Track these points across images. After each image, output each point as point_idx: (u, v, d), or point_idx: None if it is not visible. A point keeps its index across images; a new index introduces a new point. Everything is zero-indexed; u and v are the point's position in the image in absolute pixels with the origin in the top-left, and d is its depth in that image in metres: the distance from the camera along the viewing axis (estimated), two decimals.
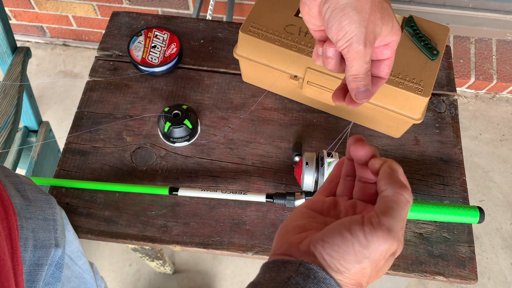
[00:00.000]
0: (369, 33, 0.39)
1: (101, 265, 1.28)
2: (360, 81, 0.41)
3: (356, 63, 0.40)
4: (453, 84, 0.74)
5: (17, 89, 0.87)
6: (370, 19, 0.39)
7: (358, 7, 0.38)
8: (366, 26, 0.38)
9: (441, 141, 0.69)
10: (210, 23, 0.80)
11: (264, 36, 0.62)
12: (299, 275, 0.30)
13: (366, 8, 0.38)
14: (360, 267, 0.30)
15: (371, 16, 0.39)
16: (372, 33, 0.39)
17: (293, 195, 0.58)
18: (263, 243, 0.60)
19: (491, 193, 1.44)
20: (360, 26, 0.38)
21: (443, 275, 0.59)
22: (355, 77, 0.41)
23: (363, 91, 0.42)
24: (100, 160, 0.66)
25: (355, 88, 0.42)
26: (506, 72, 1.54)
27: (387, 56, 0.43)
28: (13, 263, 0.41)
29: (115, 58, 0.76)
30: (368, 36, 0.39)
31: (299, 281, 0.30)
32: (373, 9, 0.39)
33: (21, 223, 0.45)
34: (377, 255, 0.30)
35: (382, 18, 0.39)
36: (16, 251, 0.42)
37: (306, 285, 0.30)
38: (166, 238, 0.60)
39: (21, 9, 1.55)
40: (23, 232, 0.45)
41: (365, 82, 0.41)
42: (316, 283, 0.30)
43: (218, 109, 0.71)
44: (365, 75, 0.41)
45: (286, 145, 0.68)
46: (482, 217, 0.56)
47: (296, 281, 0.30)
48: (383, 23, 0.40)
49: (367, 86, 0.42)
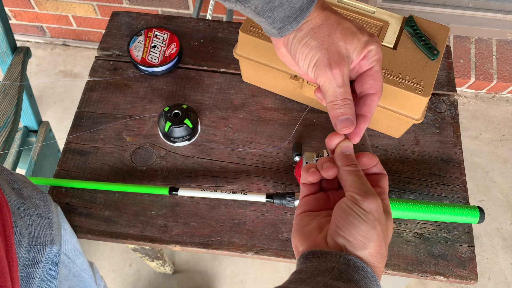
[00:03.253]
0: (333, 54, 0.39)
1: (101, 265, 1.28)
2: (337, 108, 0.40)
3: (328, 87, 0.40)
4: (453, 84, 0.74)
5: (17, 89, 0.87)
6: (330, 41, 0.39)
7: (314, 35, 0.39)
8: (327, 48, 0.39)
9: (441, 141, 0.69)
10: (210, 23, 0.80)
11: (264, 36, 0.62)
12: (341, 265, 0.35)
13: (323, 32, 0.39)
14: (376, 233, 0.36)
15: (331, 38, 0.39)
16: (337, 54, 0.39)
17: (293, 195, 0.58)
18: (263, 243, 0.60)
19: (491, 193, 1.44)
20: (320, 49, 0.39)
21: (443, 275, 0.59)
22: (332, 103, 0.40)
23: (343, 119, 0.40)
24: (100, 160, 0.66)
25: (334, 116, 0.41)
26: (506, 72, 1.54)
27: (366, 67, 0.41)
28: (8, 260, 0.41)
29: (115, 58, 0.76)
30: (331, 57, 0.39)
31: (342, 269, 0.35)
32: (331, 32, 0.39)
33: (16, 221, 0.45)
34: (378, 214, 0.37)
35: (344, 38, 0.39)
36: (11, 248, 0.42)
37: (348, 273, 0.35)
38: (166, 238, 0.60)
39: (21, 9, 1.55)
40: (18, 230, 0.45)
41: (343, 110, 0.40)
42: (356, 271, 0.35)
43: (218, 109, 0.71)
44: (342, 102, 0.40)
45: (286, 145, 0.68)
46: (482, 217, 0.56)
47: (339, 270, 0.35)
48: (346, 42, 0.39)
49: (346, 115, 0.40)
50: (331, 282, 0.34)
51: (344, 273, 0.35)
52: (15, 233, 0.45)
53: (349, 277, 0.35)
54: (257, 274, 1.25)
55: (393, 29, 0.63)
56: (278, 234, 0.61)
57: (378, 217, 0.37)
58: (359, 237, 0.36)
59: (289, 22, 0.39)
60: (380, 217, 0.37)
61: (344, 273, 0.35)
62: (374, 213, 0.37)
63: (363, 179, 0.39)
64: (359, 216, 0.37)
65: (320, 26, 0.39)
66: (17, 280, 0.41)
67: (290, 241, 0.60)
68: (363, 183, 0.38)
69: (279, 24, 0.39)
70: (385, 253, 0.38)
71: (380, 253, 0.37)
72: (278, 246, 0.60)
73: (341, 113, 0.40)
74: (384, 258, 0.38)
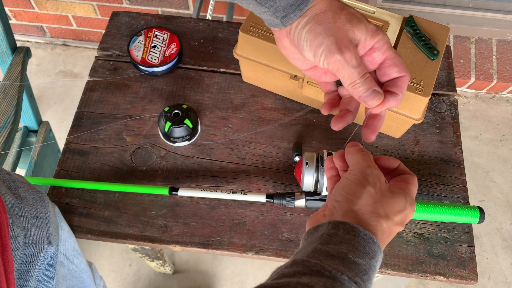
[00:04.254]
0: (341, 39, 0.38)
1: (101, 265, 1.28)
2: (359, 86, 0.40)
3: (343, 72, 0.39)
4: (453, 84, 0.74)
5: (17, 89, 0.87)
6: (336, 26, 0.38)
7: (319, 20, 0.39)
8: (333, 34, 0.38)
9: (441, 141, 0.69)
10: (210, 23, 0.80)
11: (264, 36, 0.62)
12: (330, 230, 0.36)
13: (328, 18, 0.39)
14: (365, 192, 0.38)
15: (336, 23, 0.39)
16: (345, 38, 0.39)
17: (293, 195, 0.58)
18: (263, 243, 0.60)
19: (491, 193, 1.44)
20: (327, 35, 0.38)
21: (443, 275, 0.59)
22: (353, 84, 0.40)
23: (369, 94, 0.40)
24: (100, 160, 0.66)
25: (359, 95, 0.40)
26: (506, 72, 1.54)
27: (380, 59, 0.41)
28: (3, 261, 0.41)
29: (115, 58, 0.76)
30: (340, 41, 0.38)
31: (332, 233, 0.36)
32: (336, 17, 0.39)
33: (12, 221, 0.45)
34: (371, 178, 0.39)
35: (349, 21, 0.39)
36: (7, 249, 0.42)
37: (338, 235, 0.35)
38: (166, 238, 0.60)
39: (21, 9, 1.54)
40: (14, 230, 0.45)
41: (366, 85, 0.40)
42: (347, 232, 0.35)
43: (218, 109, 0.71)
44: (362, 79, 0.39)
45: (286, 145, 0.68)
46: (482, 217, 0.56)
47: (329, 235, 0.36)
48: (352, 25, 0.39)
49: (371, 89, 0.40)
50: (320, 247, 0.35)
51: (334, 237, 0.35)
52: (11, 234, 0.45)
53: (339, 239, 0.35)
54: (257, 274, 1.25)
55: (393, 29, 0.63)
56: (278, 234, 0.61)
57: (371, 181, 0.39)
58: (346, 195, 0.38)
59: (292, 10, 0.39)
60: (374, 182, 0.39)
61: (334, 237, 0.35)
62: (361, 174, 0.39)
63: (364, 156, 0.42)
64: (347, 178, 0.40)
65: (324, 12, 0.39)
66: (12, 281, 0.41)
67: (290, 241, 0.60)
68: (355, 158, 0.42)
69: (282, 13, 0.39)
70: (382, 214, 0.38)
71: (375, 213, 0.37)
72: (278, 246, 0.60)
73: (365, 89, 0.40)
74: (383, 219, 0.37)
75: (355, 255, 0.34)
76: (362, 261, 0.34)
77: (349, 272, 0.33)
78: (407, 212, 0.40)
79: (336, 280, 0.32)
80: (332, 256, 0.34)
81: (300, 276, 0.32)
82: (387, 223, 0.37)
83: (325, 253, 0.34)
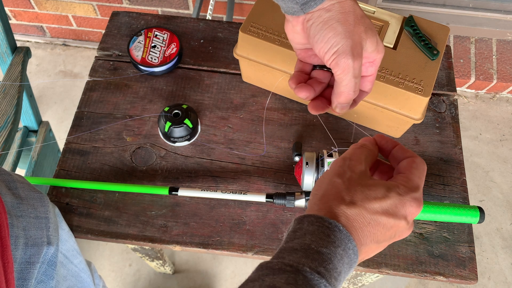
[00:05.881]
0: (356, 45, 0.39)
1: (101, 265, 1.28)
2: (346, 98, 0.42)
3: (346, 78, 0.39)
4: (453, 84, 0.74)
5: (17, 89, 0.87)
6: (355, 31, 0.39)
7: (341, 20, 0.38)
8: (351, 37, 0.38)
9: (441, 141, 0.69)
10: (210, 23, 0.80)
11: (264, 36, 0.62)
12: (296, 225, 0.36)
13: (350, 20, 0.39)
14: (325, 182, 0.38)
15: (355, 28, 0.39)
16: (359, 45, 0.39)
17: (293, 195, 0.58)
18: (263, 243, 0.60)
19: (491, 193, 1.44)
20: (345, 37, 0.38)
21: (443, 275, 0.59)
22: (346, 94, 0.41)
23: (344, 106, 0.43)
24: (100, 160, 0.66)
25: (339, 101, 0.42)
26: (506, 72, 1.54)
27: (371, 73, 0.43)
28: (3, 261, 0.41)
29: (115, 58, 0.76)
30: (355, 47, 0.38)
31: (296, 228, 0.36)
32: (357, 22, 0.39)
33: (12, 221, 0.45)
34: (333, 169, 0.39)
35: (365, 31, 0.40)
36: (6, 249, 0.42)
37: (302, 227, 0.35)
38: (166, 238, 0.60)
39: (21, 9, 1.55)
40: (14, 230, 0.45)
41: (350, 99, 0.42)
42: (311, 223, 0.35)
43: (218, 109, 0.71)
44: (354, 94, 0.41)
45: (286, 145, 0.68)
46: (482, 217, 0.56)
47: (293, 230, 0.36)
48: (367, 36, 0.40)
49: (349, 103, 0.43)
50: (285, 245, 0.35)
51: (299, 231, 0.35)
52: (11, 234, 0.45)
53: (303, 232, 0.35)
54: None
55: (393, 29, 0.63)
56: (278, 234, 0.61)
57: (339, 171, 0.38)
58: (314, 189, 0.39)
59: None
60: (343, 172, 0.38)
61: (299, 231, 0.35)
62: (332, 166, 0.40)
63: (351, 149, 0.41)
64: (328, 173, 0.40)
65: (348, 13, 0.39)
66: (12, 281, 0.41)
67: None
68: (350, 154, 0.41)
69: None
70: (347, 200, 0.36)
71: (337, 200, 0.36)
72: (278, 246, 0.60)
73: (346, 101, 0.42)
74: (345, 205, 0.36)
75: (318, 245, 0.33)
76: (326, 250, 0.33)
77: (311, 263, 0.32)
78: (393, 201, 0.36)
79: (298, 273, 0.31)
80: (296, 250, 0.34)
81: (264, 277, 0.32)
82: (354, 210, 0.35)
83: (289, 249, 0.34)
